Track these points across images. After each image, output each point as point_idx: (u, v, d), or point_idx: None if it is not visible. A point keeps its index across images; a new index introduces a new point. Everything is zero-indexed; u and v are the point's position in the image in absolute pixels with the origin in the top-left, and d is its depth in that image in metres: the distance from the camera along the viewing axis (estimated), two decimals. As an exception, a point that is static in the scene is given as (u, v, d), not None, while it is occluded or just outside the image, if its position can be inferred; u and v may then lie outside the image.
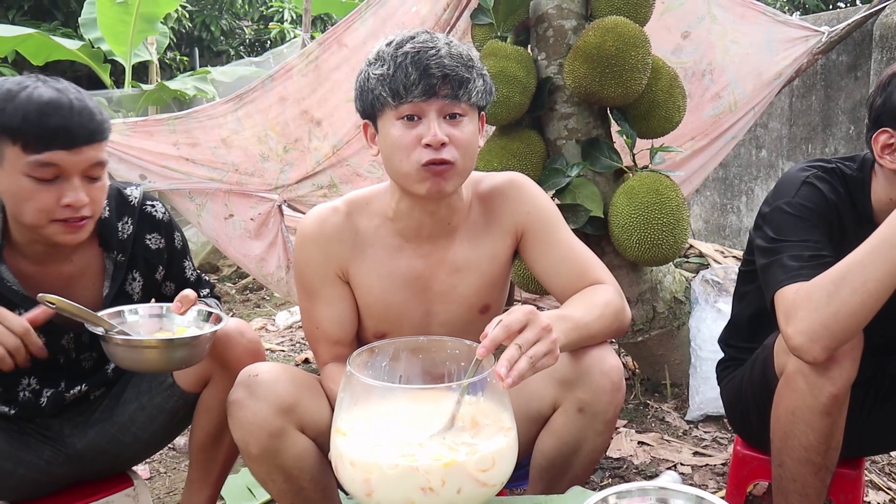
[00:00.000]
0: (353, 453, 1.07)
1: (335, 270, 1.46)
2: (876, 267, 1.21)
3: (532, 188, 1.51)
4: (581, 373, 1.33)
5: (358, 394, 1.12)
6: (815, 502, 1.39)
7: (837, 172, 1.44)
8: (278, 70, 2.78)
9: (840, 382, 1.27)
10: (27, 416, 1.50)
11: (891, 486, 1.98)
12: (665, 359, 2.56)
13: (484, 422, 1.12)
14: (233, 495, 2.06)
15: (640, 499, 1.13)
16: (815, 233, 1.35)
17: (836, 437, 1.34)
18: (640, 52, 2.15)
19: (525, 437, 1.38)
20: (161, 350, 1.34)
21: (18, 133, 1.23)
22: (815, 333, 1.24)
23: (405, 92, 1.27)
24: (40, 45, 5.65)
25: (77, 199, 1.28)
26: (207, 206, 2.91)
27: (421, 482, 1.03)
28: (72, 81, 1.34)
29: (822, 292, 1.24)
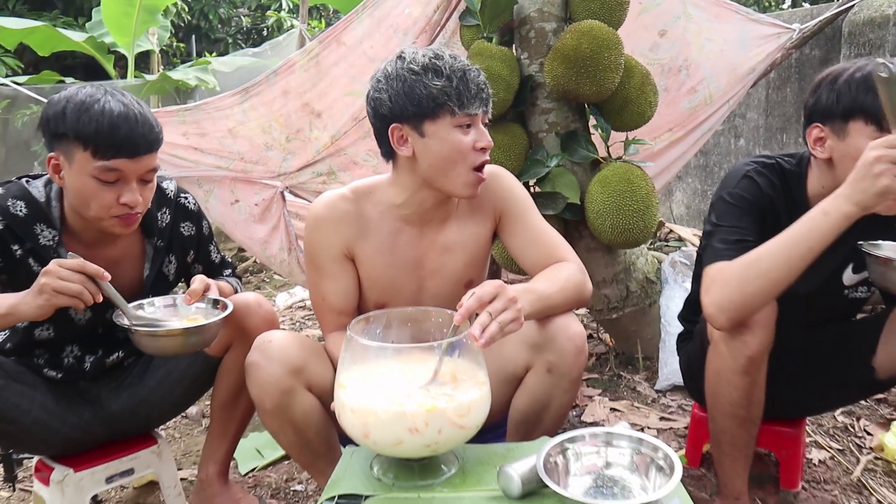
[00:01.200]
0: (353, 402, 1.29)
1: (342, 250, 1.65)
2: (780, 259, 1.38)
3: (509, 179, 1.73)
4: (549, 338, 1.53)
5: (356, 354, 1.33)
6: (744, 450, 1.59)
7: (776, 167, 1.63)
8: (281, 66, 2.97)
9: (754, 346, 1.46)
10: (71, 380, 1.71)
11: (832, 445, 2.21)
12: (638, 334, 2.77)
13: (462, 377, 1.34)
14: (244, 456, 2.28)
15: (591, 441, 1.36)
16: (746, 220, 1.55)
17: (756, 394, 1.53)
18: (613, 53, 2.35)
19: (503, 396, 1.61)
20: (177, 338, 1.54)
21: (90, 141, 1.44)
22: (723, 306, 1.44)
23: (468, 103, 1.49)
24: (46, 37, 5.82)
25: (133, 200, 1.50)
26: (215, 193, 3.11)
27: (408, 424, 1.24)
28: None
29: (735, 273, 1.43)
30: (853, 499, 1.93)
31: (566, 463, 1.32)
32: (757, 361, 1.48)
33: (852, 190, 1.32)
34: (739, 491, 1.63)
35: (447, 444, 1.29)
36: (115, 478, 1.82)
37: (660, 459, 1.29)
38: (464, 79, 1.49)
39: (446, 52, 1.53)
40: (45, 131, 1.50)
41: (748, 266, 1.42)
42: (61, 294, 1.38)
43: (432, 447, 1.27)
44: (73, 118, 1.44)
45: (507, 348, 1.57)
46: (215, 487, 1.86)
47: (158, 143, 1.54)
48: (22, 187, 1.57)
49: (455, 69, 1.49)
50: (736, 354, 1.48)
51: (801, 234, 1.37)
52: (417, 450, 1.28)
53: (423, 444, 1.26)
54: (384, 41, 2.92)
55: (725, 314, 1.44)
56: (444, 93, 1.48)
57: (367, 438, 1.28)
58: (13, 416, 1.57)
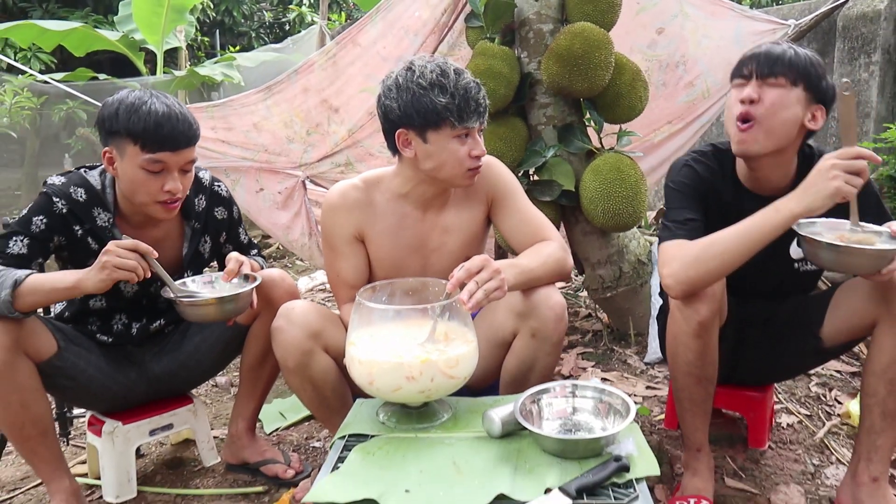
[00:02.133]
0: (360, 356, 1.53)
1: (353, 232, 1.90)
2: (734, 245, 1.60)
3: (500, 168, 1.96)
4: (533, 307, 1.75)
5: (364, 316, 1.57)
6: (702, 406, 1.78)
7: (710, 153, 1.85)
8: (302, 65, 3.22)
9: (704, 313, 1.66)
10: (120, 344, 1.97)
11: (801, 411, 2.41)
12: (630, 312, 2.99)
13: (453, 336, 1.58)
14: (269, 418, 2.54)
15: (560, 392, 1.59)
16: (689, 202, 1.77)
17: (708, 355, 1.72)
18: (604, 52, 2.56)
19: (495, 359, 1.84)
20: (215, 306, 1.78)
21: (139, 137, 1.69)
22: (680, 279, 1.64)
23: (467, 117, 1.71)
24: (83, 37, 6.13)
25: (175, 188, 1.76)
26: (241, 182, 3.37)
27: (405, 373, 1.48)
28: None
29: (692, 252, 1.64)
30: (815, 457, 2.13)
31: (539, 410, 1.56)
32: (707, 326, 1.68)
33: (805, 193, 1.54)
34: (700, 443, 1.83)
35: (439, 390, 1.53)
36: (156, 431, 2.08)
37: (618, 405, 1.52)
38: (465, 97, 1.70)
39: (451, 67, 1.73)
40: (101, 129, 1.76)
41: (706, 248, 1.63)
42: (120, 269, 1.62)
43: (426, 393, 1.52)
44: (124, 118, 1.70)
45: (497, 317, 1.81)
46: (244, 441, 2.11)
47: (196, 138, 1.79)
48: (81, 176, 1.84)
49: (458, 87, 1.70)
50: (689, 320, 1.68)
51: (754, 226, 1.59)
52: (413, 395, 1.52)
53: (417, 390, 1.50)
54: (396, 42, 3.16)
55: (681, 286, 1.65)
56: (448, 108, 1.69)
57: (372, 385, 1.53)
58: (73, 373, 1.83)
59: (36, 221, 1.76)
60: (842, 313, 1.78)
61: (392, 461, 1.42)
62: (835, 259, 1.55)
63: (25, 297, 1.62)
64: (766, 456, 2.13)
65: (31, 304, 1.65)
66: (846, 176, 1.49)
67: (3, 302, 1.60)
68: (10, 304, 1.61)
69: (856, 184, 1.49)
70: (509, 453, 1.44)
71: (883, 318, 1.65)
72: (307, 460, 2.20)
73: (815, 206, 1.52)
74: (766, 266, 1.84)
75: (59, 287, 1.65)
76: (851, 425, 2.32)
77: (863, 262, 1.54)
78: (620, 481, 1.33)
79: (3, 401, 1.69)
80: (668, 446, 2.18)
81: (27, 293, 1.62)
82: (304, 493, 1.89)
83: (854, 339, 1.82)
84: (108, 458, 1.99)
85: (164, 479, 2.15)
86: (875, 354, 1.68)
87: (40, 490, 2.11)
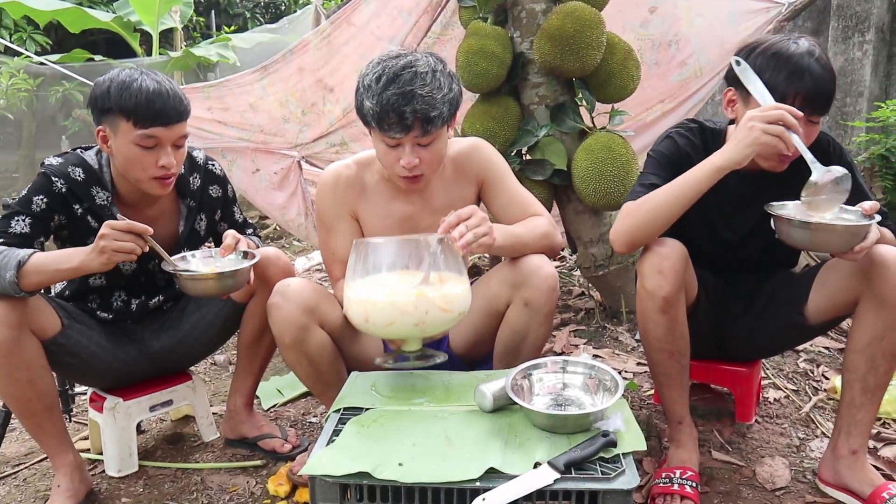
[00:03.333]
0: (356, 296, 1.58)
1: (347, 211, 1.95)
2: (664, 199, 1.68)
3: (488, 150, 1.99)
4: (525, 277, 1.79)
5: (360, 254, 1.62)
6: (678, 379, 1.82)
7: (696, 129, 1.88)
8: (297, 45, 3.24)
9: (667, 289, 1.70)
10: (120, 320, 2.01)
11: (788, 386, 2.47)
12: (622, 290, 3.03)
13: (446, 280, 1.61)
14: (266, 395, 2.59)
15: (551, 367, 1.63)
16: (661, 170, 1.81)
17: (677, 329, 1.76)
18: (595, 32, 2.58)
19: (488, 328, 1.89)
20: (214, 280, 1.81)
21: (132, 113, 1.72)
22: (619, 231, 1.75)
23: (388, 128, 1.71)
24: (76, 16, 6.10)
25: (169, 162, 1.79)
26: (237, 162, 3.40)
27: (400, 307, 1.54)
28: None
29: (632, 208, 1.73)
30: (801, 431, 2.19)
31: (531, 385, 1.60)
32: (671, 301, 1.72)
33: (728, 147, 1.62)
34: (681, 415, 1.87)
35: (434, 324, 1.58)
36: (157, 407, 2.13)
37: (607, 381, 1.56)
38: (387, 108, 1.67)
39: (392, 72, 1.67)
40: (94, 108, 1.78)
41: (642, 203, 1.72)
42: (119, 252, 1.65)
43: (420, 326, 1.57)
44: (116, 95, 1.74)
45: (491, 288, 1.85)
46: (242, 416, 2.16)
47: (187, 114, 1.84)
48: (78, 156, 1.87)
49: (383, 97, 1.66)
50: (654, 297, 1.72)
51: (683, 181, 1.67)
52: (407, 329, 1.57)
53: (412, 323, 1.55)
54: (390, 21, 3.17)
55: (620, 238, 1.75)
56: (371, 114, 1.72)
57: (367, 323, 1.59)
58: (76, 350, 1.87)
59: (36, 201, 1.78)
60: (826, 291, 1.81)
61: (386, 434, 1.46)
62: (807, 238, 1.58)
63: (30, 277, 1.65)
64: (752, 430, 2.18)
65: (36, 283, 1.68)
66: (763, 126, 1.55)
67: (9, 283, 1.63)
68: (15, 285, 1.64)
69: (775, 132, 1.55)
70: (500, 427, 1.48)
71: (865, 296, 1.69)
72: (304, 435, 2.25)
73: (737, 156, 1.60)
74: (752, 238, 1.88)
75: (63, 268, 1.68)
76: (837, 400, 2.37)
77: (833, 239, 1.57)
78: (608, 456, 1.37)
79: (11, 377, 1.73)
80: (656, 420, 2.23)
81: (31, 273, 1.65)
82: (302, 466, 1.93)
83: (838, 316, 1.85)
84: (109, 433, 2.04)
85: (164, 453, 2.20)
86: (857, 331, 1.72)
87: (44, 465, 2.16)
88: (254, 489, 1.97)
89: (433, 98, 1.69)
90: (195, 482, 2.01)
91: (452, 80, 1.78)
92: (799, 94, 1.64)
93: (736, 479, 1.92)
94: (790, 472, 1.93)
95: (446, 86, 1.73)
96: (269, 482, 1.95)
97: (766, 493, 1.86)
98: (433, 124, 1.71)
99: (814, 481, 1.88)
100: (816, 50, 1.68)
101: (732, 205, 1.87)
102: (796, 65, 1.64)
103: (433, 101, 1.69)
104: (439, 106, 1.70)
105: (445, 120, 1.75)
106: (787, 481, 1.89)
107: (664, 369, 1.82)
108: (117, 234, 1.65)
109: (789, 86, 1.64)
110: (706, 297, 1.90)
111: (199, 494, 1.95)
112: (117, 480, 2.03)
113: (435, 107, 1.69)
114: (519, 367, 1.60)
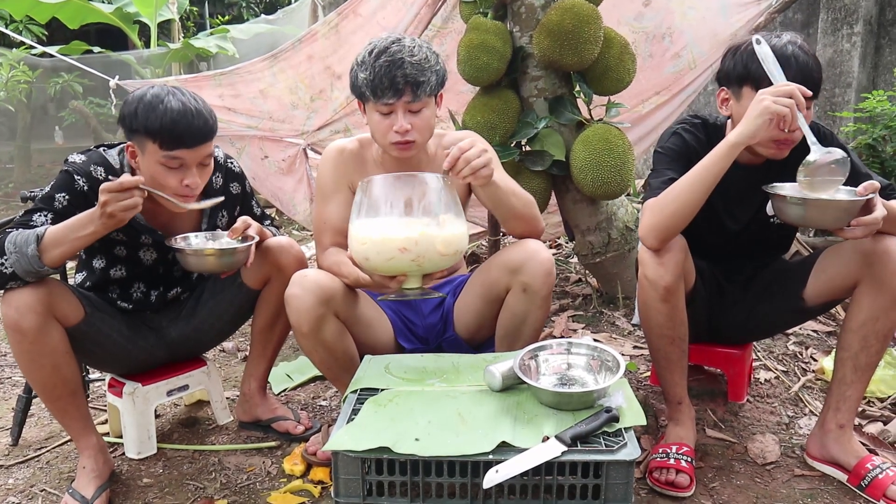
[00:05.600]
0: (361, 234, 1.69)
1: (346, 183, 2.07)
2: (686, 185, 1.73)
3: (480, 141, 2.07)
4: (523, 262, 1.88)
5: (365, 191, 1.72)
6: (678, 363, 1.92)
7: (700, 124, 1.96)
8: (305, 35, 3.36)
9: (668, 278, 1.78)
10: (140, 310, 2.09)
11: (779, 367, 2.57)
12: (619, 276, 3.12)
13: (444, 219, 1.71)
14: (276, 380, 2.67)
15: (556, 349, 1.73)
16: (673, 166, 1.88)
17: (677, 317, 1.85)
18: (593, 27, 2.66)
19: (489, 315, 1.99)
20: (214, 256, 1.90)
21: (157, 136, 1.78)
22: (649, 227, 1.79)
23: (381, 93, 1.84)
24: (77, 10, 6.12)
25: (194, 182, 1.85)
26: (246, 150, 3.52)
27: (398, 245, 1.65)
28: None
29: (657, 202, 1.79)
30: (790, 410, 2.29)
31: (537, 365, 1.70)
32: (672, 290, 1.81)
33: (740, 124, 1.68)
34: (680, 396, 1.97)
35: (432, 261, 1.69)
36: (173, 392, 2.22)
37: (609, 361, 1.66)
38: (381, 73, 1.83)
39: (385, 45, 1.85)
40: (123, 126, 1.85)
41: (666, 195, 1.78)
42: (126, 210, 1.67)
43: (417, 261, 1.67)
44: (143, 116, 1.79)
45: (490, 275, 1.95)
46: (256, 399, 2.25)
47: (213, 133, 1.88)
48: (100, 155, 1.93)
49: (377, 65, 1.83)
50: (656, 286, 1.81)
51: (700, 167, 1.73)
52: (406, 265, 1.68)
53: (409, 259, 1.66)
54: (395, 12, 3.26)
55: (651, 234, 1.79)
56: (364, 84, 1.87)
57: (368, 261, 1.70)
58: (98, 338, 1.95)
59: (59, 198, 1.85)
60: (826, 275, 1.90)
61: (401, 412, 1.55)
62: (803, 214, 1.66)
63: (51, 251, 1.70)
64: (744, 409, 2.28)
65: (59, 256, 1.72)
66: (774, 97, 1.62)
67: (32, 258, 1.69)
68: (38, 259, 1.70)
69: (785, 104, 1.61)
70: (509, 405, 1.58)
71: (865, 280, 1.79)
72: (315, 417, 2.33)
73: (749, 129, 1.66)
74: (750, 226, 1.97)
75: (80, 235, 1.71)
76: (825, 380, 2.48)
77: (828, 215, 1.65)
78: (610, 430, 1.47)
79: (37, 363, 1.80)
80: (653, 400, 2.33)
81: (51, 246, 1.70)
82: (315, 447, 2.03)
83: (835, 299, 1.95)
84: (129, 417, 2.12)
85: (181, 436, 2.28)
86: (853, 312, 1.82)
87: (65, 448, 2.24)
88: (270, 469, 2.05)
89: (421, 65, 1.86)
90: (213, 463, 2.10)
91: (438, 57, 1.94)
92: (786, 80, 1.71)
93: (729, 454, 2.02)
94: (780, 448, 2.03)
95: (433, 59, 1.91)
96: (285, 462, 2.04)
97: (756, 467, 1.96)
98: (422, 89, 1.87)
99: (802, 456, 1.99)
100: (798, 40, 1.77)
101: (735, 195, 1.94)
102: (781, 54, 1.72)
103: (421, 67, 1.86)
104: (427, 74, 1.87)
105: (434, 89, 1.91)
106: (777, 456, 2.00)
107: (665, 354, 1.91)
108: (116, 195, 1.66)
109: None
110: (703, 284, 1.98)
111: (218, 474, 2.04)
112: (137, 462, 2.12)
113: (424, 73, 1.86)
114: (526, 349, 1.70)
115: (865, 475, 1.78)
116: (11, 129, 7.45)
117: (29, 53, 5.54)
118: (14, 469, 2.13)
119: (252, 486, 1.97)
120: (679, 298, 1.84)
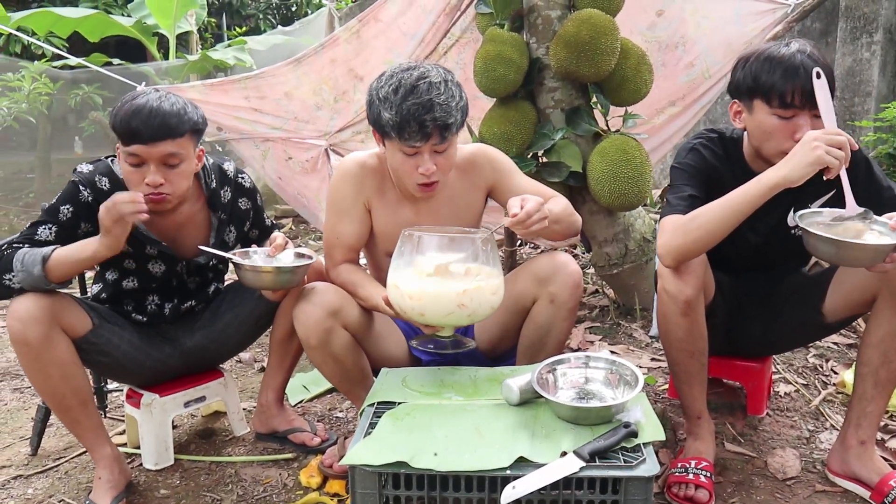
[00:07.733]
0: (411, 289, 1.69)
1: (363, 200, 2.02)
2: (717, 215, 1.69)
3: (494, 153, 2.08)
4: (552, 273, 1.88)
5: (416, 246, 1.72)
6: (697, 377, 1.90)
7: (717, 139, 1.93)
8: (327, 40, 3.47)
9: (688, 292, 1.76)
10: (154, 323, 2.10)
11: (799, 381, 2.54)
12: (636, 287, 3.11)
13: (487, 273, 1.73)
14: (293, 391, 2.67)
15: (574, 363, 1.72)
16: (692, 182, 1.86)
17: (697, 331, 1.83)
18: (609, 38, 2.66)
19: (513, 326, 1.98)
20: (274, 274, 1.89)
21: (118, 131, 1.81)
22: (668, 248, 1.75)
23: (408, 137, 1.78)
24: (97, 23, 6.21)
25: (152, 181, 1.83)
26: (271, 152, 3.61)
27: (457, 301, 1.66)
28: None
29: (682, 223, 1.75)
30: (810, 423, 2.26)
31: (555, 379, 1.69)
32: (693, 304, 1.79)
33: (787, 162, 1.63)
34: (699, 410, 1.95)
35: (481, 313, 1.73)
36: (190, 403, 2.22)
37: (628, 376, 1.65)
38: (408, 118, 1.74)
39: (410, 82, 1.76)
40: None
41: (693, 218, 1.74)
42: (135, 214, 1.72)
43: (472, 316, 1.71)
44: (113, 115, 1.84)
45: (517, 285, 1.94)
46: (273, 410, 2.25)
47: (172, 134, 1.81)
48: (107, 165, 1.95)
49: (403, 107, 1.74)
50: (676, 300, 1.79)
51: (737, 196, 1.69)
52: (463, 319, 1.71)
53: (466, 314, 1.69)
54: (415, 18, 3.32)
55: (671, 254, 1.76)
56: (390, 125, 1.78)
57: (424, 317, 1.71)
58: (107, 348, 1.96)
59: (63, 210, 1.87)
60: (844, 290, 1.87)
61: (419, 426, 1.55)
62: (834, 253, 1.59)
63: (56, 271, 1.77)
64: (764, 422, 2.26)
65: (64, 274, 1.79)
66: (827, 147, 1.57)
67: (38, 277, 1.75)
68: (44, 278, 1.75)
69: (837, 156, 1.57)
70: (527, 419, 1.57)
71: (883, 294, 1.76)
72: (331, 429, 2.33)
73: (796, 174, 1.60)
74: (770, 238, 1.95)
75: (81, 258, 1.78)
76: (846, 394, 2.44)
77: (860, 256, 1.59)
78: (629, 446, 1.46)
79: (44, 373, 1.82)
80: (671, 414, 2.31)
81: (56, 266, 1.76)
82: (331, 459, 2.02)
83: (854, 314, 1.92)
84: (146, 428, 2.13)
85: (197, 447, 2.29)
86: (873, 327, 1.80)
87: (83, 458, 2.25)
88: (286, 481, 2.05)
89: (449, 106, 1.78)
90: (229, 474, 2.10)
91: (460, 88, 1.87)
92: (796, 90, 1.69)
93: (748, 469, 2.00)
94: (800, 463, 2.01)
95: (458, 94, 1.82)
96: (301, 474, 2.04)
97: (777, 482, 1.94)
98: (450, 131, 1.80)
99: (823, 472, 1.96)
100: (808, 48, 1.73)
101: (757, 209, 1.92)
102: (790, 63, 1.69)
103: (450, 108, 1.78)
104: (455, 113, 1.79)
105: (459, 126, 1.84)
106: (798, 471, 1.97)
107: (684, 368, 1.90)
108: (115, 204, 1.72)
109: (786, 83, 1.69)
110: (722, 297, 1.97)
111: (234, 486, 2.04)
112: (155, 473, 2.12)
113: (451, 114, 1.78)
114: (544, 363, 1.69)
115: (889, 492, 1.75)
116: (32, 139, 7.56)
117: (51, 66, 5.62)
118: (33, 479, 2.15)
119: (268, 497, 1.97)
120: (699, 312, 1.82)
